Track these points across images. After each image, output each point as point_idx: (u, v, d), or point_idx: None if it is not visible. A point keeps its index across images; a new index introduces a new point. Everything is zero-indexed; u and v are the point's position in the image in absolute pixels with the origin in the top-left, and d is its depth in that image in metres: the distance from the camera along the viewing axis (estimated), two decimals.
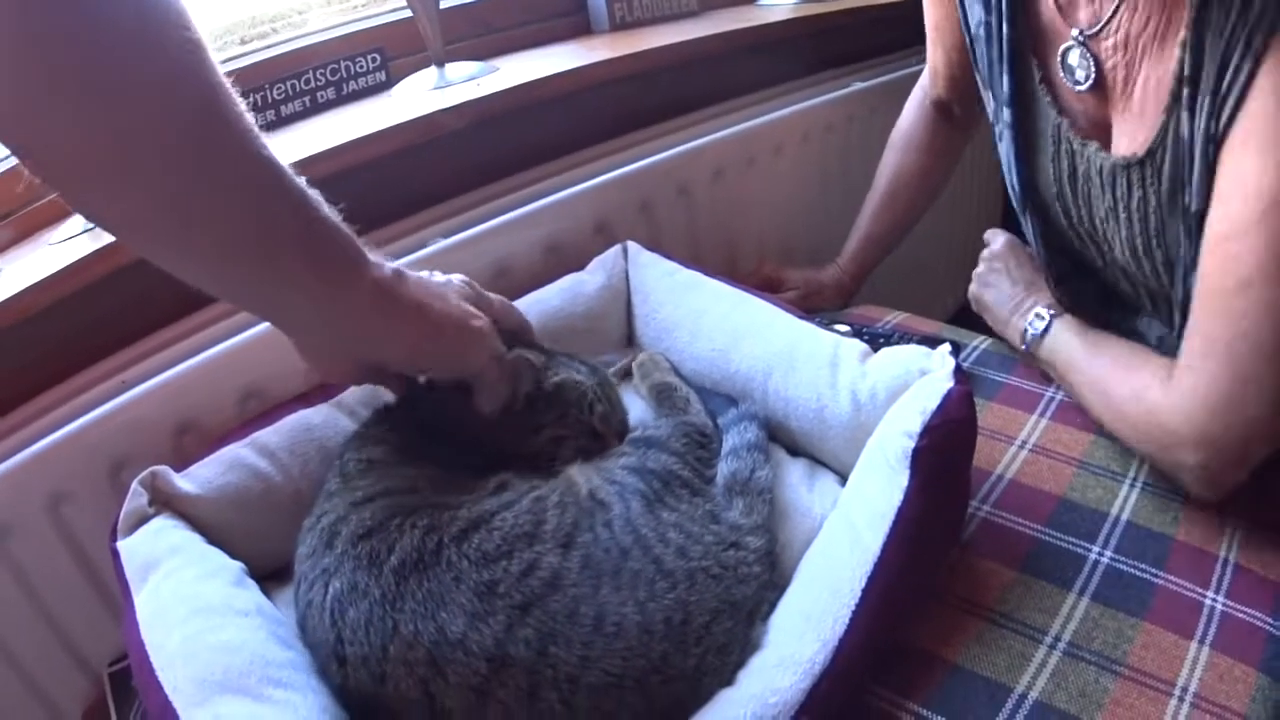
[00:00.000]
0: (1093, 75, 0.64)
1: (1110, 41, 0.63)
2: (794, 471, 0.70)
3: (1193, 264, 0.59)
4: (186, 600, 0.58)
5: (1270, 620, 0.58)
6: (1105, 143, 0.66)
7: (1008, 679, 0.56)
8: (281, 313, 0.52)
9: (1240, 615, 0.58)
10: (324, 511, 0.58)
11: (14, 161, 0.96)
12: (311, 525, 0.59)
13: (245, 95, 1.13)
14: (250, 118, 0.44)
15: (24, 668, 0.81)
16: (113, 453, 0.78)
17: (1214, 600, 0.60)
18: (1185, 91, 0.56)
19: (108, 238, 0.85)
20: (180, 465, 0.71)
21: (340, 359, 0.60)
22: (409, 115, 0.96)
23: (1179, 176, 0.59)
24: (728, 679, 0.52)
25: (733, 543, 0.57)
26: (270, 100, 1.11)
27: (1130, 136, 0.63)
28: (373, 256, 0.53)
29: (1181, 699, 0.53)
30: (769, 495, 0.62)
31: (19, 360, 0.83)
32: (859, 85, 1.35)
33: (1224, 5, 0.51)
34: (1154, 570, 0.62)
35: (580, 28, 1.34)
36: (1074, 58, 0.66)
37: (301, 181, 0.47)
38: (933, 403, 0.58)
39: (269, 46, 1.19)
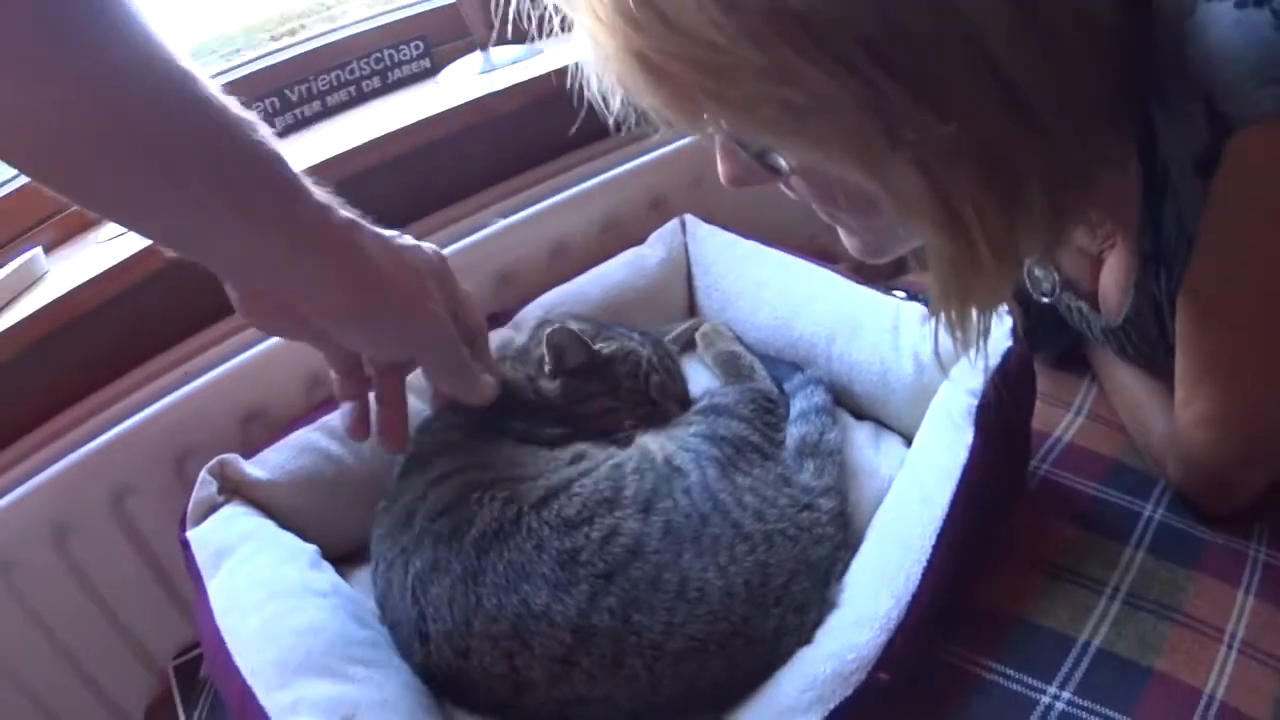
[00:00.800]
0: (1056, 284, 0.68)
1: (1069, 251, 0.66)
2: (860, 433, 0.71)
3: None
4: (263, 585, 0.60)
5: None
6: (1095, 304, 0.68)
7: (1071, 629, 0.56)
8: (198, 245, 0.47)
9: None
10: (400, 492, 0.60)
11: None
12: (387, 506, 0.60)
13: (290, 88, 1.12)
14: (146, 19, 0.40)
15: (85, 666, 0.84)
16: (177, 444, 0.80)
17: (1257, 550, 0.60)
18: (1149, 267, 0.58)
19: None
20: (248, 454, 0.73)
21: (262, 301, 0.54)
22: (458, 100, 0.98)
23: (1159, 336, 0.61)
24: (807, 638, 0.53)
25: (806, 504, 0.58)
26: (315, 91, 1.14)
27: (1108, 307, 0.66)
28: (321, 198, 0.49)
29: (1230, 645, 0.54)
30: (838, 457, 0.63)
31: (76, 356, 0.85)
32: None
33: (1164, 197, 0.53)
34: (1201, 527, 0.63)
35: None
36: (1038, 270, 0.68)
37: (231, 104, 0.44)
38: (993, 361, 0.59)
39: (311, 39, 1.21)
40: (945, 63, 0.41)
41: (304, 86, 1.13)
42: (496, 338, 0.81)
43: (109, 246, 0.90)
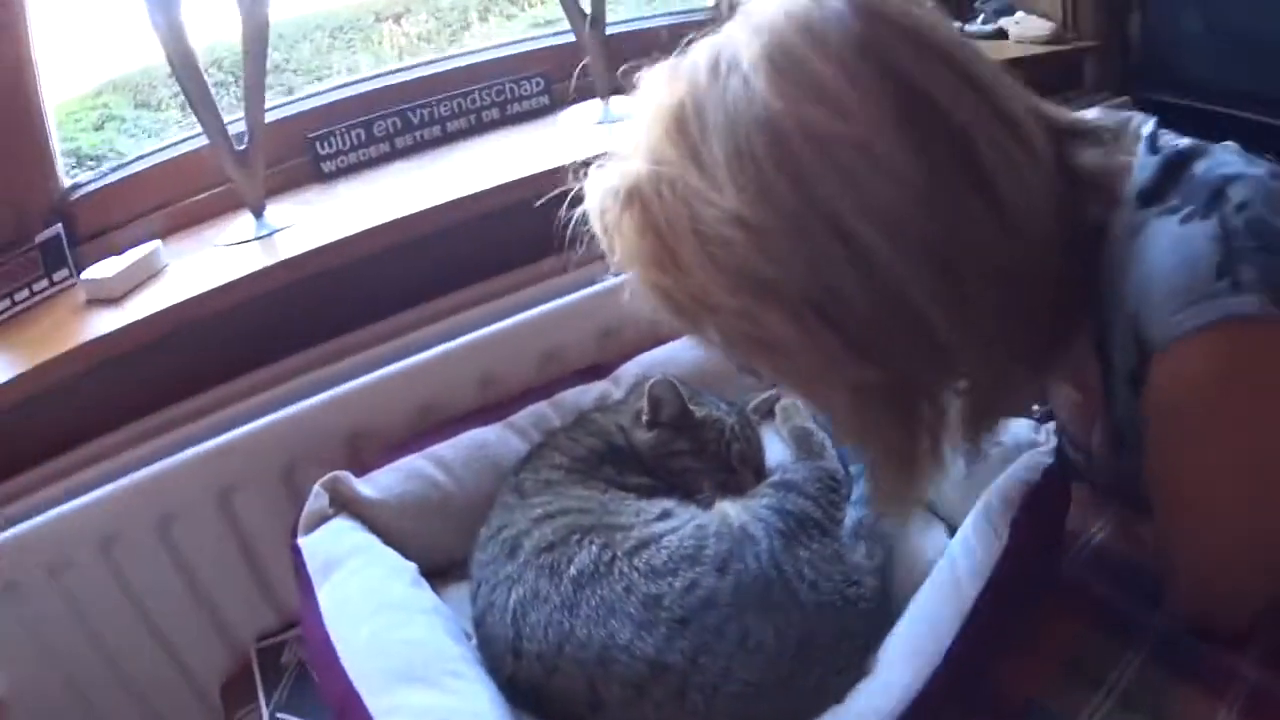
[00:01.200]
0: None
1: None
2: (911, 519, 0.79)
3: None
4: (371, 597, 0.69)
5: None
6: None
7: (1069, 716, 0.64)
8: None
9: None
10: (504, 524, 0.70)
11: (178, 149, 1.11)
12: (492, 536, 0.70)
13: (413, 110, 1.17)
14: None
15: (172, 642, 0.93)
16: (288, 453, 0.90)
17: (1248, 670, 0.66)
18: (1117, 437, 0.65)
19: (282, 246, 0.97)
20: (357, 472, 0.82)
21: None
22: (593, 151, 1.04)
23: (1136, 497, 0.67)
24: (840, 697, 0.61)
25: (854, 581, 0.67)
26: (437, 116, 1.23)
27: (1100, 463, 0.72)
28: None
29: None
30: (888, 541, 0.72)
31: (193, 355, 0.95)
32: None
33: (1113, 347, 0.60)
34: (1199, 643, 0.68)
35: None
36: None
37: None
38: (1035, 477, 0.67)
39: (434, 61, 1.30)
40: (877, 318, 0.51)
41: (426, 110, 1.22)
42: (596, 390, 0.92)
43: (229, 252, 1.00)
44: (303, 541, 0.76)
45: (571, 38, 1.23)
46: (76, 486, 0.87)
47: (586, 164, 0.64)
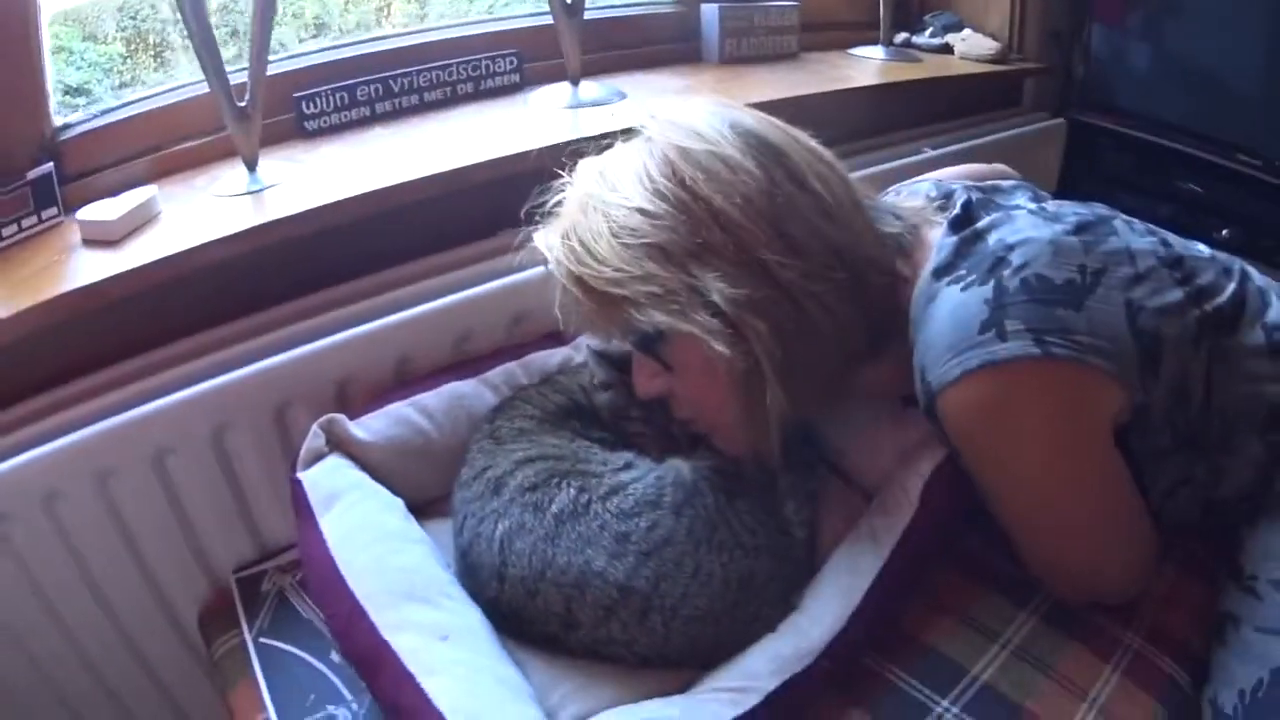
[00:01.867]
0: None
1: None
2: (836, 485, 0.91)
3: None
4: (370, 528, 0.79)
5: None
6: None
7: (967, 663, 0.77)
8: None
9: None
10: (488, 465, 0.80)
11: (177, 95, 1.13)
12: (476, 475, 0.80)
13: (394, 78, 1.25)
14: None
15: (156, 572, 0.97)
16: (282, 395, 0.96)
17: (1132, 640, 0.78)
18: None
19: (274, 203, 1.00)
20: (348, 415, 0.90)
21: None
22: (561, 135, 1.13)
23: None
24: (773, 628, 0.74)
25: (785, 531, 0.79)
26: (415, 85, 1.29)
27: None
28: None
29: (1091, 706, 0.73)
30: (814, 502, 0.84)
31: (189, 300, 0.99)
32: (929, 152, 1.49)
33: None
34: (1093, 612, 0.81)
35: (690, 55, 1.53)
36: None
37: None
38: (943, 453, 0.80)
39: (416, 32, 1.36)
40: (736, 262, 0.72)
41: (407, 79, 1.28)
42: (559, 355, 1.02)
43: (222, 203, 1.03)
44: (303, 475, 0.84)
45: (542, 20, 1.32)
46: (75, 420, 0.90)
47: (555, 148, 0.85)
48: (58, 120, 1.07)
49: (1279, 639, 0.69)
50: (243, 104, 1.05)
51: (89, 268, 0.92)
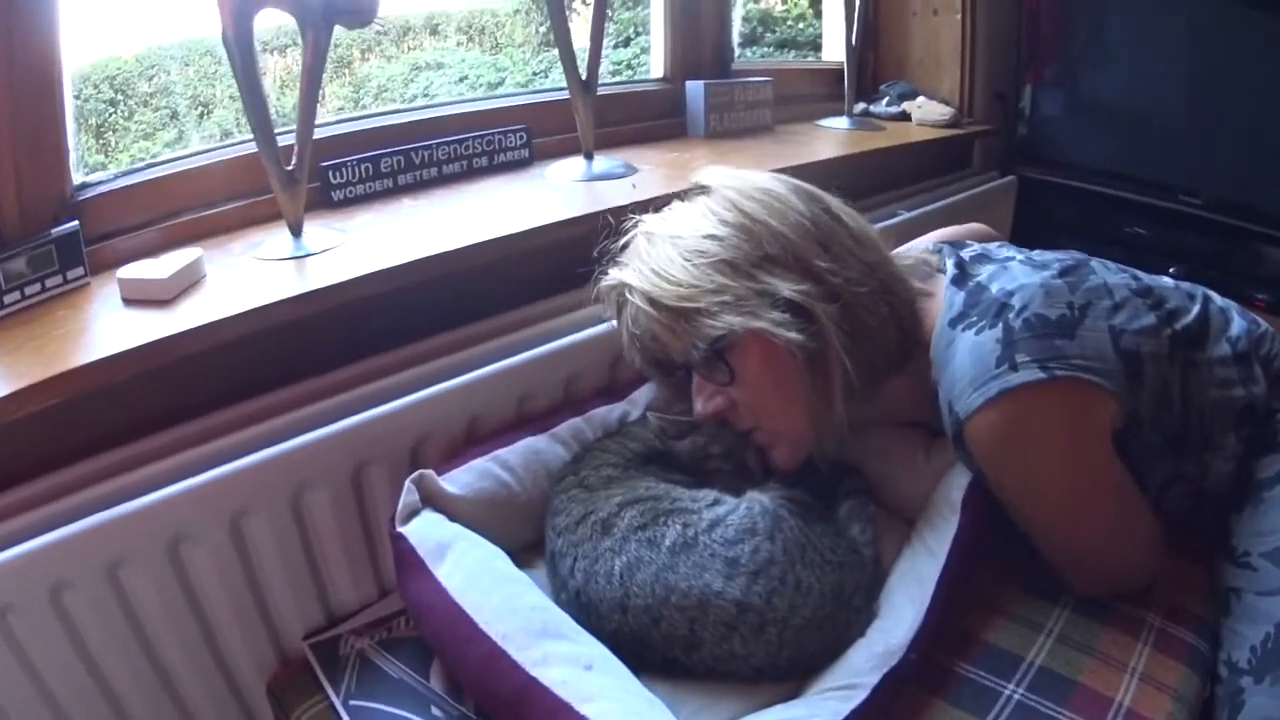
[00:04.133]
0: None
1: None
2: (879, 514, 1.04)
3: None
4: (489, 573, 0.86)
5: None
6: None
7: (1021, 651, 0.90)
8: None
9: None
10: (589, 511, 0.90)
11: (225, 154, 1.19)
12: (578, 521, 0.90)
13: (415, 151, 1.40)
14: None
15: (222, 641, 0.99)
16: (359, 456, 1.02)
17: (1154, 619, 0.94)
18: None
19: (327, 268, 1.04)
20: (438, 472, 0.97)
21: None
22: (591, 207, 1.23)
23: None
24: (863, 632, 0.86)
25: (855, 550, 0.91)
26: (435, 158, 1.39)
27: None
28: None
29: (1132, 674, 0.87)
30: (875, 524, 0.98)
31: (246, 362, 1.03)
32: (904, 215, 1.64)
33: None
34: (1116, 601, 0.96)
35: (677, 131, 1.68)
36: None
37: None
38: (969, 476, 0.96)
39: (430, 106, 1.47)
40: (791, 268, 0.93)
41: (427, 152, 1.38)
42: (617, 410, 1.13)
43: (267, 267, 1.07)
44: (406, 529, 0.90)
45: (544, 96, 1.46)
46: (141, 482, 0.90)
47: (619, 210, 1.02)
48: (77, 179, 1.10)
49: (1278, 598, 0.85)
50: (290, 168, 1.11)
51: (143, 326, 0.94)
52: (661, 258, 0.93)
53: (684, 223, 0.95)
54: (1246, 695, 0.83)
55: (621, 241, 1.00)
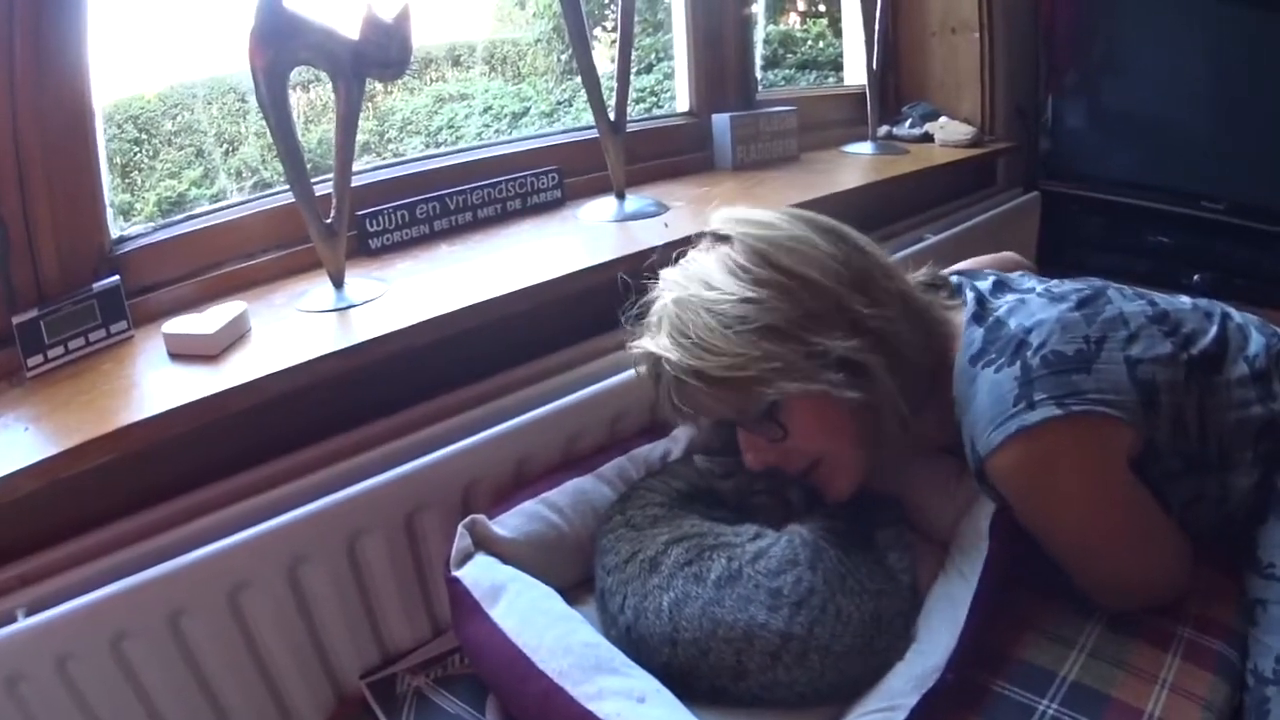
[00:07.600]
0: None
1: None
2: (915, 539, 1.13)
3: None
4: (543, 613, 0.95)
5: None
6: None
7: (1055, 667, 0.97)
8: None
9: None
10: (636, 549, 0.99)
11: (263, 205, 1.26)
12: (627, 559, 0.99)
13: (450, 196, 1.50)
14: None
15: (280, 684, 1.03)
16: (414, 502, 1.10)
17: (1183, 630, 1.01)
18: None
19: (373, 318, 1.12)
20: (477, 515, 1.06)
21: None
22: (626, 248, 1.32)
23: None
24: (902, 655, 0.94)
25: (894, 578, 1.00)
26: (469, 203, 1.47)
27: None
28: None
29: (1162, 686, 0.94)
30: (911, 551, 1.06)
31: (300, 415, 1.10)
32: (931, 239, 1.70)
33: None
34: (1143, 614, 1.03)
35: (704, 164, 1.75)
36: None
37: None
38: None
39: (462, 150, 1.55)
40: (831, 322, 0.97)
41: (462, 197, 1.46)
42: (660, 448, 1.22)
43: (310, 319, 1.14)
44: (461, 574, 0.99)
45: (572, 136, 1.54)
46: (194, 534, 0.96)
47: (667, 248, 1.07)
48: (115, 232, 1.17)
49: None
50: (329, 220, 1.18)
51: (192, 382, 0.99)
52: (700, 327, 0.95)
53: (713, 283, 0.97)
54: (1272, 704, 0.90)
55: (644, 299, 1.04)
